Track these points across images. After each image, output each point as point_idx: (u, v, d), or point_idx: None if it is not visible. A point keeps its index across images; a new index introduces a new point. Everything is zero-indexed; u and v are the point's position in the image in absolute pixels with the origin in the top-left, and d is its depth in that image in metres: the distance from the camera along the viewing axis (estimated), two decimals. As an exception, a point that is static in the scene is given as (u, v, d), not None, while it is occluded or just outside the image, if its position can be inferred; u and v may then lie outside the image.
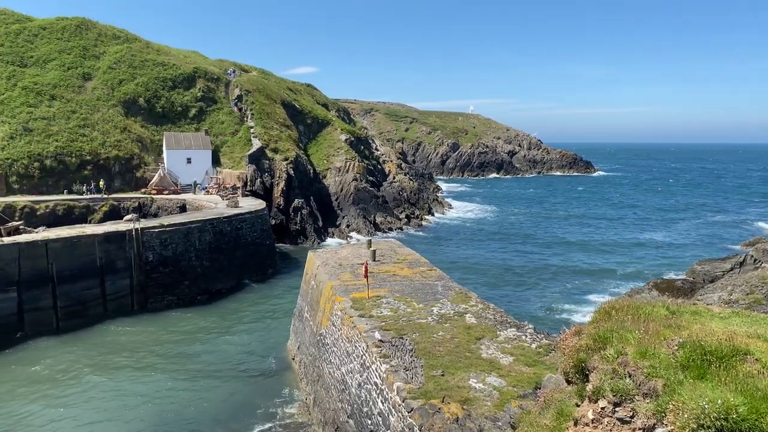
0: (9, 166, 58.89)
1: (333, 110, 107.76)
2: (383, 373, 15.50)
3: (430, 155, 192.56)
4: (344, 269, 27.00)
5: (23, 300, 33.24)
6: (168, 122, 72.54)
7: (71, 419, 24.08)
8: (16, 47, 71.84)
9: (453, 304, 21.09)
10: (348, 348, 19.22)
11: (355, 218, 72.52)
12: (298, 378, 27.60)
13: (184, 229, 42.00)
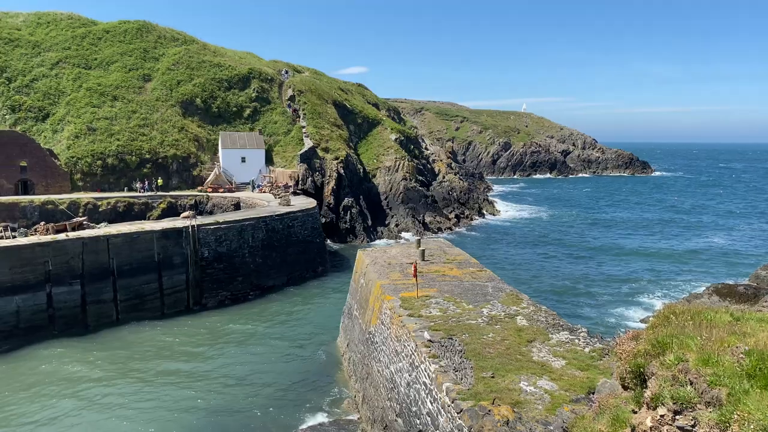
0: (74, 164, 61.61)
1: (383, 110, 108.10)
2: (432, 373, 15.44)
3: (480, 155, 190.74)
4: (393, 268, 27.04)
5: (86, 292, 34.68)
6: (223, 122, 74.34)
7: (130, 407, 24.98)
8: (81, 50, 75.06)
9: (503, 306, 20.82)
10: (397, 347, 19.24)
11: (404, 218, 72.53)
12: (347, 375, 27.82)
13: (238, 226, 42.95)
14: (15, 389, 26.75)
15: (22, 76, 69.40)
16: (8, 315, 31.74)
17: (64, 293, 33.74)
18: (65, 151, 62.32)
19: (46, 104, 67.77)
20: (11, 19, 77.76)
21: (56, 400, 25.71)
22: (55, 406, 25.07)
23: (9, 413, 24.50)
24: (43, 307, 33.04)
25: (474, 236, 71.77)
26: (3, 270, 31.64)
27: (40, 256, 33.06)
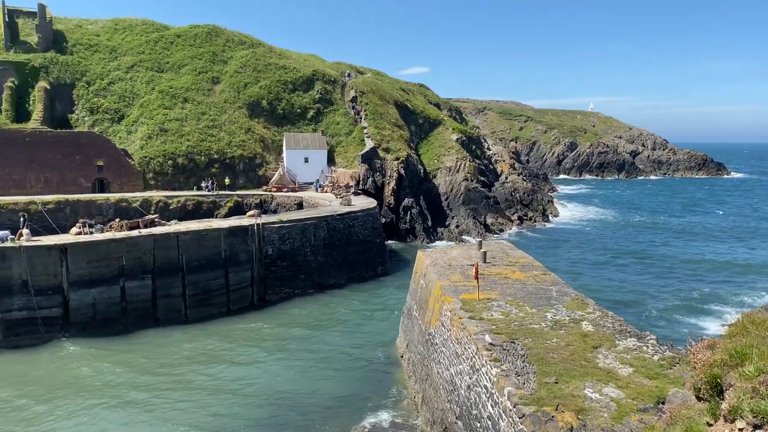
0: (147, 163, 64.34)
1: (445, 110, 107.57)
2: (494, 377, 15.22)
3: (545, 155, 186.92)
4: (454, 270, 26.84)
5: (157, 287, 36.14)
6: (288, 123, 75.87)
7: (195, 402, 25.85)
8: (154, 54, 78.30)
9: (568, 311, 20.30)
10: (457, 349, 19.08)
11: (465, 219, 71.90)
12: (407, 375, 27.82)
13: (300, 225, 43.75)
14: (90, 376, 28.14)
15: (100, 79, 73.03)
16: (85, 307, 33.47)
17: (136, 287, 35.28)
18: (139, 151, 65.16)
19: (121, 106, 71.06)
20: (91, 25, 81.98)
21: (126, 389, 26.89)
22: (125, 396, 26.24)
23: (83, 401, 25.81)
24: (117, 300, 34.66)
25: (537, 239, 70.36)
26: (81, 264, 33.39)
27: (114, 251, 34.69)
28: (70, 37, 77.12)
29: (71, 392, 26.54)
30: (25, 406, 25.27)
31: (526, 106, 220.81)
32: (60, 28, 77.68)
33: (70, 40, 76.47)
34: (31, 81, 70.01)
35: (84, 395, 26.25)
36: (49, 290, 32.57)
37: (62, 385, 27.21)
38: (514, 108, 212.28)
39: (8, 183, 58.57)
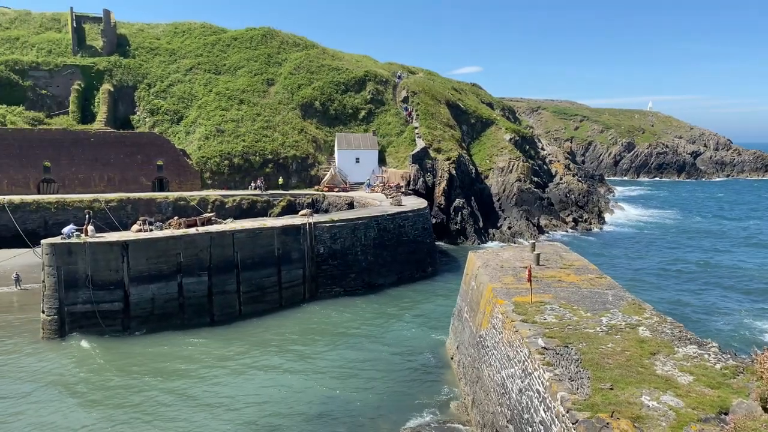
0: (204, 163, 66.17)
1: (497, 109, 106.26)
2: (546, 381, 14.93)
3: (601, 155, 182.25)
4: (506, 272, 26.48)
5: (213, 283, 37.06)
6: (340, 124, 76.57)
7: (245, 397, 26.38)
8: (212, 57, 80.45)
9: (624, 315, 19.72)
10: (509, 352, 18.81)
11: (518, 220, 70.84)
12: (457, 378, 27.62)
13: (351, 224, 44.05)
14: (150, 370, 29.12)
15: (160, 81, 75.55)
16: (145, 302, 34.66)
17: (193, 283, 36.28)
18: (196, 151, 67.08)
19: (180, 108, 73.31)
20: (152, 29, 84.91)
21: (182, 382, 27.69)
22: (181, 389, 27.02)
23: (144, 394, 26.72)
24: (175, 295, 35.72)
25: (593, 241, 68.66)
26: (141, 260, 34.59)
27: (173, 248, 35.78)
28: (133, 41, 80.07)
29: (135, 383, 27.52)
30: (87, 399, 26.36)
31: (581, 105, 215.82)
32: (123, 33, 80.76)
33: (133, 44, 79.40)
34: (96, 84, 73.04)
35: (144, 387, 27.18)
36: (111, 285, 33.88)
37: (126, 376, 28.24)
38: (569, 107, 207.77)
39: (74, 181, 61.26)
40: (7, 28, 78.36)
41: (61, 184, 60.81)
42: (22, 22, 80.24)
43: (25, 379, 27.92)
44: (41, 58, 73.05)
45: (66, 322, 33.02)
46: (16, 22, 79.96)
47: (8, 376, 28.20)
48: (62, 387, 27.22)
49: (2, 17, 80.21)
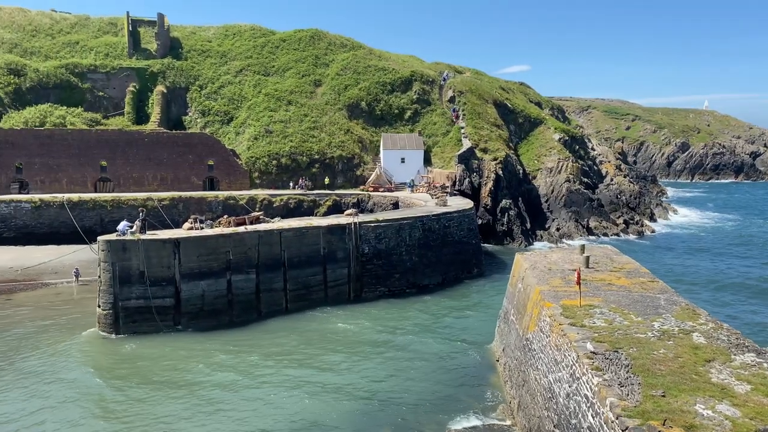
0: (252, 163, 67.44)
1: (546, 108, 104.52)
2: (595, 386, 14.59)
3: (654, 156, 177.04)
4: (554, 274, 26.01)
5: (260, 281, 37.73)
6: (385, 124, 76.76)
7: (291, 394, 26.72)
8: (261, 59, 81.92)
9: (678, 321, 19.09)
10: (556, 356, 18.47)
11: (566, 221, 69.52)
12: (502, 380, 27.30)
13: (396, 224, 44.09)
14: (200, 364, 29.84)
15: (211, 83, 77.40)
16: (195, 298, 35.54)
17: (241, 281, 37.00)
18: (245, 151, 68.43)
19: (230, 109, 74.92)
20: (203, 32, 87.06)
21: (226, 378, 28.26)
22: (228, 385, 27.59)
23: (194, 388, 27.41)
24: (224, 292, 36.51)
25: (644, 244, 66.75)
26: (192, 257, 35.48)
27: (222, 246, 36.57)
28: (185, 43, 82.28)
29: (185, 377, 28.27)
30: (143, 391, 27.21)
31: (633, 104, 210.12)
32: (176, 36, 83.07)
33: (185, 47, 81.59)
34: (150, 85, 75.38)
35: (194, 381, 27.88)
36: (163, 281, 34.87)
37: (176, 370, 29.04)
38: (620, 106, 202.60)
39: (129, 180, 63.37)
40: (67, 32, 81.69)
41: (117, 183, 62.99)
42: (82, 27, 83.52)
43: (80, 370, 29.03)
44: (99, 61, 75.86)
45: (120, 316, 34.16)
46: (76, 27, 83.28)
47: (64, 367, 29.38)
48: (114, 379, 28.19)
49: (63, 22, 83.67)
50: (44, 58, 75.78)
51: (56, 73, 72.38)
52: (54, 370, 28.92)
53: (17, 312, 38.12)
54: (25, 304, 39.97)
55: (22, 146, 60.60)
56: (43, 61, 74.68)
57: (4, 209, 56.00)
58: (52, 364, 29.74)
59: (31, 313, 37.71)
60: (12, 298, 41.31)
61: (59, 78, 72.25)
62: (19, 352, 31.18)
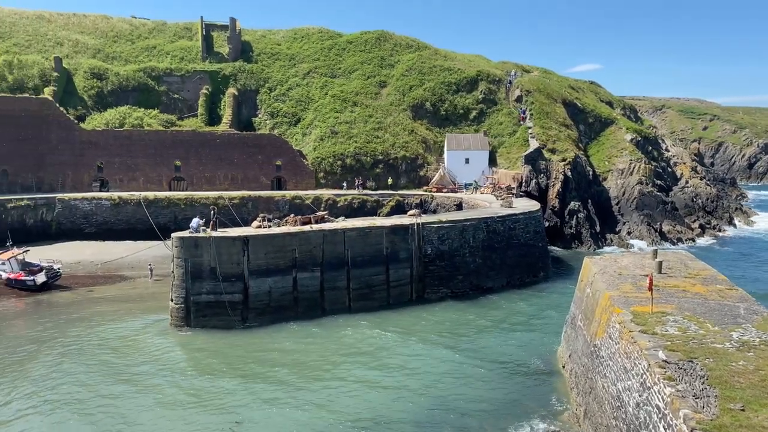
0: (318, 163, 68.58)
1: (618, 108, 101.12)
2: (667, 397, 14.01)
3: (734, 157, 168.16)
4: (624, 279, 25.15)
5: (324, 279, 38.33)
6: (450, 124, 76.32)
7: (353, 393, 26.98)
8: (328, 61, 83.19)
9: (759, 331, 18.07)
10: (626, 364, 17.85)
11: (638, 225, 67.02)
12: (568, 387, 26.63)
13: (459, 226, 43.75)
14: (267, 359, 30.62)
15: (280, 85, 79.27)
16: (263, 294, 36.49)
17: (306, 278, 37.72)
18: (312, 152, 69.69)
19: (297, 110, 76.49)
20: (273, 36, 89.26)
21: (295, 373, 28.84)
22: (292, 381, 28.17)
23: (260, 382, 28.15)
24: (290, 289, 37.32)
25: (722, 250, 63.49)
26: (260, 255, 36.45)
27: (289, 244, 37.40)
28: (256, 46, 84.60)
29: (250, 371, 29.09)
30: (213, 382, 28.17)
31: (711, 103, 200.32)
32: (247, 39, 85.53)
33: (256, 50, 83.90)
34: (222, 88, 77.96)
35: (260, 375, 28.64)
36: (233, 277, 35.99)
37: (246, 365, 29.92)
38: (697, 106, 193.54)
39: (201, 179, 65.77)
40: (146, 38, 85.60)
41: (190, 182, 65.48)
42: (159, 32, 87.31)
43: (153, 361, 30.36)
44: (174, 64, 79.09)
45: (191, 310, 35.49)
46: (153, 32, 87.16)
47: (139, 358, 30.82)
48: (184, 370, 29.33)
49: (142, 28, 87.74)
50: (124, 62, 79.67)
51: (135, 76, 75.94)
52: (129, 361, 30.40)
53: (97, 304, 40.31)
54: (104, 296, 42.21)
55: (103, 146, 63.98)
56: (123, 65, 78.53)
57: (87, 206, 59.32)
58: (127, 354, 31.27)
59: (109, 306, 39.76)
60: (93, 290, 43.71)
61: (138, 81, 75.78)
62: (98, 342, 32.94)
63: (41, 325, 35.82)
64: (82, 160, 63.65)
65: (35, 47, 77.46)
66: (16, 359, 30.37)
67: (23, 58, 71.52)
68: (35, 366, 29.45)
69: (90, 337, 33.70)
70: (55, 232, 58.42)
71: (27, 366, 29.45)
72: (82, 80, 74.10)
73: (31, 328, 35.50)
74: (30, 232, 56.95)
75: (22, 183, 61.99)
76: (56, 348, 31.91)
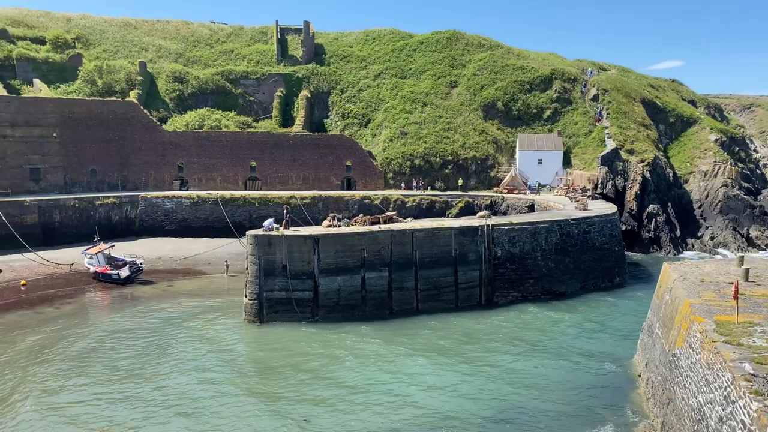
0: (387, 164, 68.98)
1: (701, 107, 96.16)
2: (754, 412, 13.18)
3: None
4: (706, 287, 23.86)
5: (392, 279, 38.47)
6: (522, 124, 74.93)
7: (418, 393, 26.91)
8: (399, 62, 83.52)
9: None
10: (708, 376, 16.92)
11: (722, 230, 63.52)
12: (644, 397, 25.55)
13: (531, 228, 42.84)
14: (336, 357, 31.06)
15: (351, 87, 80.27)
16: (332, 292, 37.06)
17: (374, 278, 37.99)
18: (381, 152, 70.18)
19: (368, 111, 77.21)
20: (345, 38, 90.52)
21: (364, 371, 29.09)
22: (360, 379, 28.42)
23: (329, 379, 28.58)
24: (358, 288, 37.70)
25: (817, 257, 59.19)
26: (330, 253, 37.03)
27: (357, 243, 37.79)
28: (328, 49, 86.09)
29: (320, 367, 29.59)
30: (283, 376, 28.87)
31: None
32: (320, 42, 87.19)
33: (328, 52, 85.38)
34: (295, 90, 79.83)
35: (330, 373, 29.09)
36: (303, 275, 36.73)
37: (316, 361, 30.49)
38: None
39: (275, 179, 67.62)
40: (224, 42, 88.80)
41: (264, 181, 67.42)
42: (237, 36, 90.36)
43: (229, 354, 31.42)
44: (251, 68, 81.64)
45: (264, 306, 36.50)
46: (231, 36, 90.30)
47: (215, 351, 31.96)
48: (258, 363, 30.19)
49: (221, 32, 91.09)
50: (203, 66, 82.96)
51: (213, 79, 78.93)
52: (203, 353, 31.60)
53: (176, 298, 42.16)
54: (183, 291, 44.08)
55: (184, 147, 66.86)
56: (202, 68, 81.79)
57: (167, 204, 62.18)
58: (204, 347, 32.52)
59: (188, 300, 41.49)
60: (173, 285, 45.74)
61: (216, 84, 78.71)
62: (177, 335, 34.43)
63: (124, 316, 37.86)
64: (164, 160, 66.73)
65: (122, 53, 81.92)
66: (99, 347, 32.17)
67: (111, 64, 75.81)
68: (117, 354, 31.10)
69: (168, 329, 35.27)
70: (138, 228, 61.57)
71: (109, 354, 31.14)
72: (165, 83, 77.75)
73: (115, 319, 37.56)
74: (115, 228, 60.28)
75: (108, 181, 65.67)
76: (136, 338, 33.59)
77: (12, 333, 34.17)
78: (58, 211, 57.85)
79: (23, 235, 52.40)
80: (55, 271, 48.32)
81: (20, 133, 60.61)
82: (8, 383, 27.39)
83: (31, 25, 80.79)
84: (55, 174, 62.74)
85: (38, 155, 61.85)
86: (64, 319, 36.83)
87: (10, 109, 60.33)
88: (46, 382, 27.48)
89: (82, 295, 42.84)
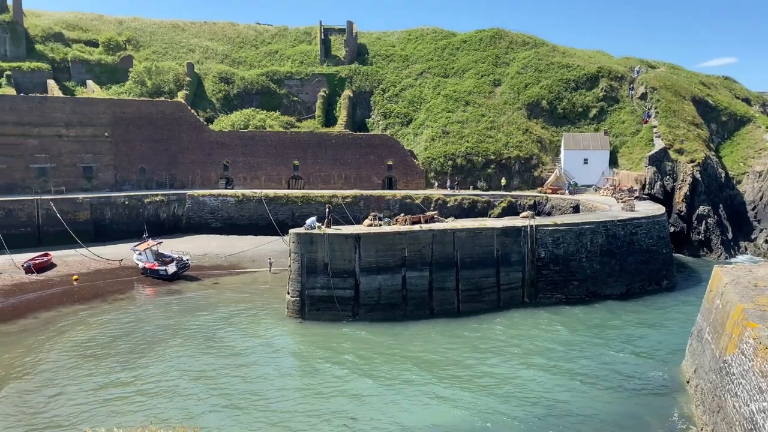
0: (429, 163, 68.80)
1: (756, 105, 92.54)
2: (811, 424, 12.65)
3: None
4: (760, 291, 23.00)
5: (433, 279, 38.36)
6: (567, 123, 73.60)
7: (457, 395, 26.77)
8: (441, 61, 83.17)
9: None
10: (761, 384, 16.33)
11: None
12: (693, 404, 24.81)
13: (576, 229, 42.08)
14: (376, 355, 31.19)
15: (393, 86, 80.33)
16: (373, 291, 37.23)
17: (415, 278, 37.98)
18: (422, 152, 70.02)
19: (410, 111, 77.14)
20: (388, 37, 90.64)
21: (393, 372, 29.12)
22: (403, 378, 28.45)
23: (369, 375, 28.72)
24: (399, 287, 37.75)
25: None
26: (371, 252, 37.20)
27: (398, 243, 37.84)
28: (371, 49, 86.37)
29: (362, 364, 29.79)
30: (326, 372, 29.17)
31: None
32: (363, 42, 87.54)
33: (371, 52, 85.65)
34: (338, 90, 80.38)
35: (371, 371, 29.25)
36: (345, 273, 37.01)
37: (357, 358, 30.71)
38: None
39: (317, 178, 68.29)
40: (269, 43, 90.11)
41: (307, 180, 68.16)
42: (281, 37, 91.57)
43: (267, 351, 31.98)
44: (294, 68, 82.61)
45: (306, 303, 36.94)
46: (276, 37, 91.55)
47: (259, 346, 32.58)
48: (301, 359, 30.61)
49: (265, 33, 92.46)
50: (249, 66, 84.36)
51: (258, 80, 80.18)
52: (247, 348, 32.24)
53: (221, 294, 43.07)
54: (228, 287, 44.98)
55: (229, 146, 68.16)
56: (247, 69, 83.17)
57: (214, 202, 63.50)
58: (249, 342, 33.21)
59: (233, 296, 42.33)
60: (219, 281, 46.72)
61: (261, 85, 79.95)
62: (223, 330, 35.18)
63: (171, 311, 38.91)
64: (210, 159, 68.16)
65: (170, 54, 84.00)
66: (148, 341, 33.13)
67: (160, 65, 77.83)
68: (165, 348, 31.98)
69: (213, 324, 36.06)
70: (185, 225, 63.07)
71: (157, 348, 32.03)
72: (211, 84, 79.39)
73: (162, 313, 38.64)
74: (163, 225, 61.90)
75: (157, 180, 67.44)
76: (182, 333, 34.47)
77: (63, 325, 35.51)
78: (109, 208, 59.77)
79: (76, 232, 54.33)
80: (105, 267, 49.96)
81: (74, 132, 62.79)
82: (69, 372, 28.50)
83: (85, 29, 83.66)
84: (107, 172, 64.79)
85: (91, 154, 63.97)
86: (115, 314, 38.09)
87: (65, 109, 62.58)
88: (98, 374, 28.53)
89: (131, 290, 44.20)
